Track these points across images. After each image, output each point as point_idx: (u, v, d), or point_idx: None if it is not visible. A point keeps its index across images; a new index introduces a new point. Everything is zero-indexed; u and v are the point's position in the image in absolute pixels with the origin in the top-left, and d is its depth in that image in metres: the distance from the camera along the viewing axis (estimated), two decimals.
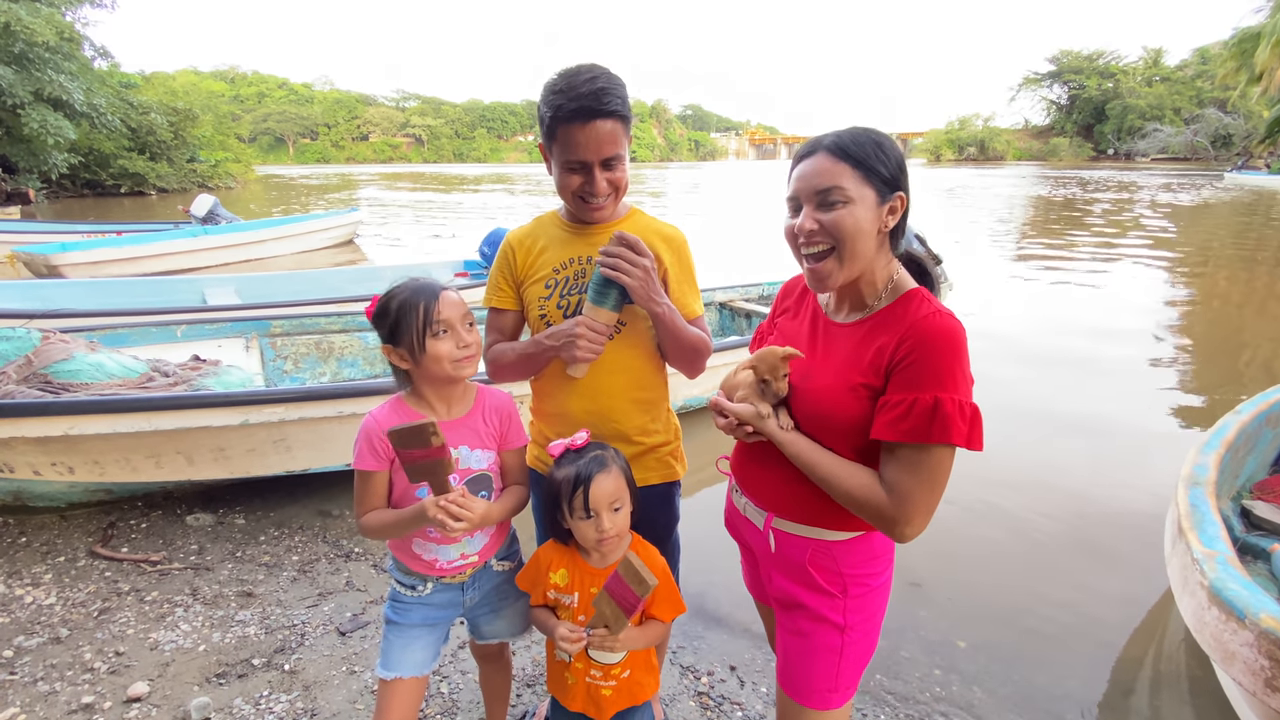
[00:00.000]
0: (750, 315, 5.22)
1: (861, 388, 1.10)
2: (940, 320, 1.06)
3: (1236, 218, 17.03)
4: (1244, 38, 28.48)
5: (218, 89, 67.86)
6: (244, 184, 30.15)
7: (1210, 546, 1.85)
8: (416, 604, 1.43)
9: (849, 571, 1.20)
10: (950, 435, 1.01)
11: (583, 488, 1.26)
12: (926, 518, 1.06)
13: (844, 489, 1.10)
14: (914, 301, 1.12)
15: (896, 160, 1.10)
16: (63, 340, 2.89)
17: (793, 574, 1.24)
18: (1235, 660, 1.59)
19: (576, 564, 1.37)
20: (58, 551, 2.70)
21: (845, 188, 1.07)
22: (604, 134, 1.29)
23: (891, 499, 1.06)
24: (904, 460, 1.05)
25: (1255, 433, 2.76)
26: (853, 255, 1.10)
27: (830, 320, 1.23)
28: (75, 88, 18.48)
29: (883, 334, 1.11)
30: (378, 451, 1.31)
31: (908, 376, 1.05)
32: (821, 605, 1.21)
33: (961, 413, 1.01)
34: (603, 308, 1.34)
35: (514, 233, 1.53)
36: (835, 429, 1.13)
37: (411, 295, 1.29)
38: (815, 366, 1.20)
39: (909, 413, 1.03)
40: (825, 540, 1.20)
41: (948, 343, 1.04)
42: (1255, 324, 7.13)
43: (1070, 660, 2.27)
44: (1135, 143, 57.34)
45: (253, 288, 6.00)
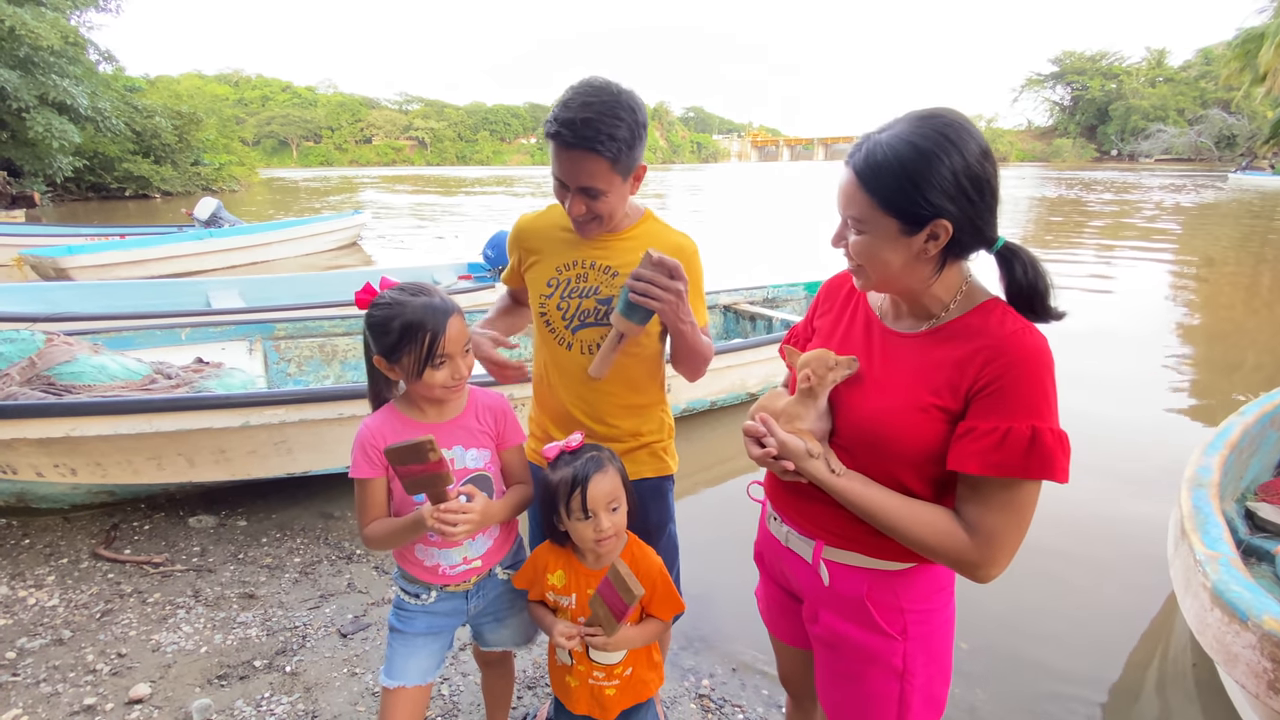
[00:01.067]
0: (755, 318, 5.22)
1: (934, 409, 0.97)
2: (1031, 338, 0.93)
3: (1241, 219, 16.98)
4: (1248, 38, 28.40)
5: (222, 92, 68.16)
6: (248, 187, 30.27)
7: (1213, 548, 1.84)
8: (420, 612, 1.43)
9: (910, 607, 1.07)
10: (1053, 471, 0.89)
11: (580, 489, 1.26)
12: (1010, 558, 0.95)
13: (916, 536, 0.97)
14: (994, 314, 0.98)
15: (943, 180, 0.90)
16: (66, 343, 2.90)
17: (848, 611, 1.09)
18: (1238, 662, 1.58)
19: (573, 566, 1.37)
20: (60, 553, 2.70)
21: (861, 219, 0.97)
22: (581, 165, 1.27)
23: (975, 541, 0.94)
24: (991, 497, 0.93)
25: (1259, 434, 2.75)
26: (882, 280, 1.01)
27: (889, 329, 1.07)
28: (80, 91, 18.56)
29: (957, 348, 0.97)
30: (373, 460, 1.30)
31: (997, 402, 0.92)
32: (877, 646, 1.07)
33: (1060, 445, 0.90)
34: (631, 321, 1.32)
35: (524, 218, 1.55)
36: (900, 456, 1.00)
37: (417, 319, 1.23)
38: (873, 381, 1.05)
39: (1002, 444, 0.90)
40: (885, 571, 1.06)
41: (1041, 364, 0.92)
42: (1260, 325, 7.10)
43: (1073, 662, 2.26)
44: (1139, 144, 57.29)
45: (257, 290, 6.02)
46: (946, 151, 0.90)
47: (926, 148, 0.90)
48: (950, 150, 0.90)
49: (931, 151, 0.90)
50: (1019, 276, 0.97)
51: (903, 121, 0.94)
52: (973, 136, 0.92)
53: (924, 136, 0.91)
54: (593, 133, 1.23)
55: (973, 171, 0.91)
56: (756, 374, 4.27)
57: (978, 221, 0.94)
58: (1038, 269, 0.98)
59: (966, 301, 1.01)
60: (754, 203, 24.85)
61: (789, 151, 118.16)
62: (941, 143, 0.90)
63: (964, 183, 0.91)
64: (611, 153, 1.26)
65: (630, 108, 1.28)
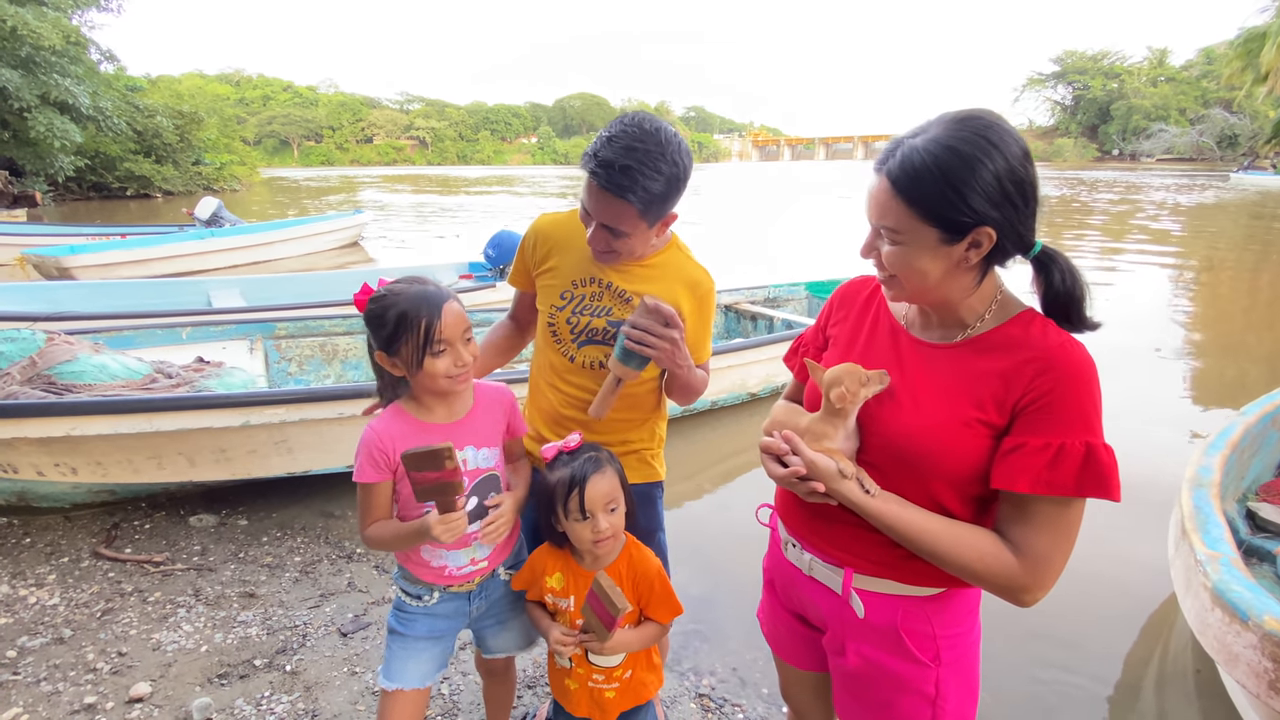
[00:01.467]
0: (755, 318, 5.21)
1: (978, 423, 0.92)
2: (1079, 351, 0.90)
3: (1242, 218, 16.95)
4: (1249, 37, 28.36)
5: (223, 92, 68.15)
6: (249, 186, 30.28)
7: (1214, 548, 1.84)
8: (422, 614, 1.41)
9: (942, 632, 1.03)
10: (1108, 489, 0.86)
11: (578, 489, 1.25)
12: (1057, 579, 0.91)
13: (961, 560, 0.91)
14: (1034, 325, 0.94)
15: (986, 185, 0.86)
16: (67, 342, 2.91)
17: (879, 641, 1.05)
18: (1238, 662, 1.58)
19: (571, 567, 1.36)
20: (61, 552, 2.71)
21: (897, 229, 0.91)
22: (608, 206, 1.26)
23: (1024, 563, 0.89)
24: (1039, 516, 0.89)
25: (1261, 434, 2.75)
26: (917, 291, 0.96)
27: (918, 339, 1.02)
28: (81, 91, 18.57)
29: (1000, 360, 0.93)
30: (378, 463, 1.28)
31: (1045, 417, 0.88)
32: (909, 674, 1.04)
33: (1114, 461, 0.87)
34: (628, 366, 1.32)
35: (546, 218, 1.52)
36: (940, 473, 0.95)
37: (411, 307, 1.21)
38: (907, 395, 0.99)
39: (1055, 461, 0.86)
40: (918, 598, 1.02)
41: (1091, 377, 0.89)
42: (1261, 325, 7.09)
43: (1075, 662, 2.26)
44: (1140, 143, 57.25)
45: (258, 290, 6.03)
46: (989, 154, 0.86)
47: (967, 151, 0.86)
48: (992, 153, 0.86)
49: (973, 155, 0.85)
50: (1056, 283, 0.93)
51: (937, 125, 0.90)
52: (1013, 137, 0.88)
53: (963, 140, 0.86)
54: (629, 181, 1.21)
55: (1016, 175, 0.87)
56: (757, 374, 4.27)
57: (1020, 227, 0.90)
58: (1076, 275, 0.93)
59: (1002, 312, 0.97)
60: (755, 202, 24.83)
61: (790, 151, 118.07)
62: (983, 145, 0.86)
63: (1007, 186, 0.87)
64: (643, 204, 1.25)
65: (673, 161, 1.25)
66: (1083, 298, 0.93)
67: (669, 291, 1.42)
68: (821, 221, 17.43)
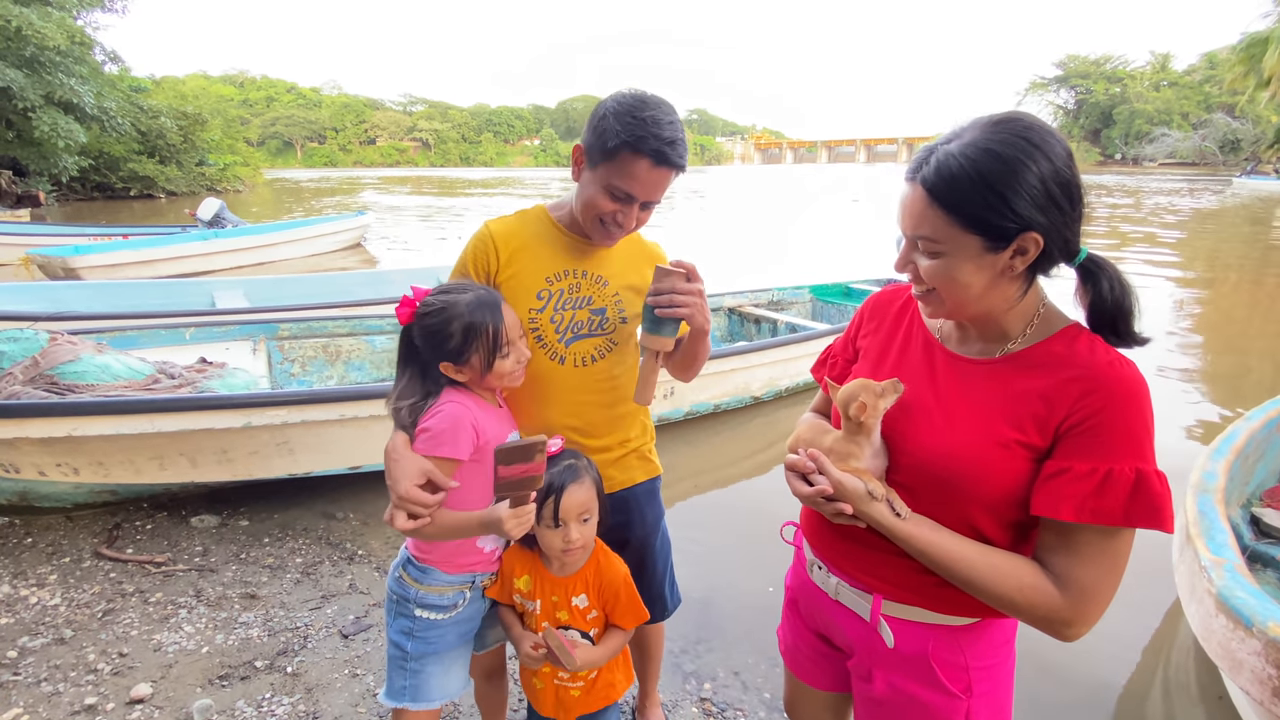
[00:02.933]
0: (759, 321, 5.21)
1: (1016, 445, 0.87)
2: (1130, 370, 0.84)
3: (1245, 223, 16.93)
4: (1252, 42, 28.38)
5: (227, 93, 68.46)
6: (252, 187, 30.38)
7: (1218, 554, 1.83)
8: (451, 625, 1.37)
9: (975, 664, 0.98)
10: (1161, 519, 0.80)
11: (554, 497, 1.24)
12: (1103, 612, 0.85)
13: (999, 590, 0.86)
14: (1080, 341, 0.88)
15: (1031, 188, 0.81)
16: (70, 342, 2.91)
17: (908, 670, 1.00)
18: (1242, 669, 1.57)
19: (538, 570, 1.36)
20: (63, 552, 2.71)
21: (936, 239, 0.86)
22: (664, 183, 1.29)
23: (1067, 597, 0.84)
24: (1085, 546, 0.83)
25: (1266, 439, 2.74)
26: (958, 305, 0.90)
27: (955, 354, 0.97)
28: (86, 91, 18.65)
29: (1042, 377, 0.88)
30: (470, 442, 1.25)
31: (1094, 440, 0.82)
32: (939, 705, 0.99)
33: (1167, 490, 0.81)
34: (661, 336, 1.31)
35: (495, 223, 1.43)
36: (976, 497, 0.89)
37: (477, 318, 1.24)
38: (942, 413, 0.94)
39: (1102, 488, 0.81)
40: (950, 627, 0.97)
41: (1142, 398, 0.83)
42: (1265, 329, 7.07)
43: (1078, 669, 2.25)
44: (1143, 148, 57.21)
45: (261, 291, 6.04)
46: (1032, 157, 0.81)
47: (1010, 154, 0.81)
48: (1036, 155, 0.81)
49: (1016, 158, 0.80)
50: (1104, 293, 0.87)
51: (973, 129, 0.84)
52: (1056, 138, 0.83)
53: (1004, 143, 0.81)
54: (682, 152, 1.27)
55: (1061, 176, 0.82)
56: (760, 377, 4.27)
57: (1066, 231, 0.84)
58: (1125, 285, 0.87)
59: (1045, 326, 0.91)
60: (759, 205, 24.85)
61: (792, 154, 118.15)
62: (1026, 148, 0.81)
63: (1053, 189, 0.81)
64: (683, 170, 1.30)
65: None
66: (1132, 309, 0.87)
67: (637, 270, 1.45)
68: (826, 225, 17.43)
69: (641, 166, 1.23)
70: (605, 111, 1.26)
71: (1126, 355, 0.88)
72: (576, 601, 1.34)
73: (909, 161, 0.92)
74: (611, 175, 1.26)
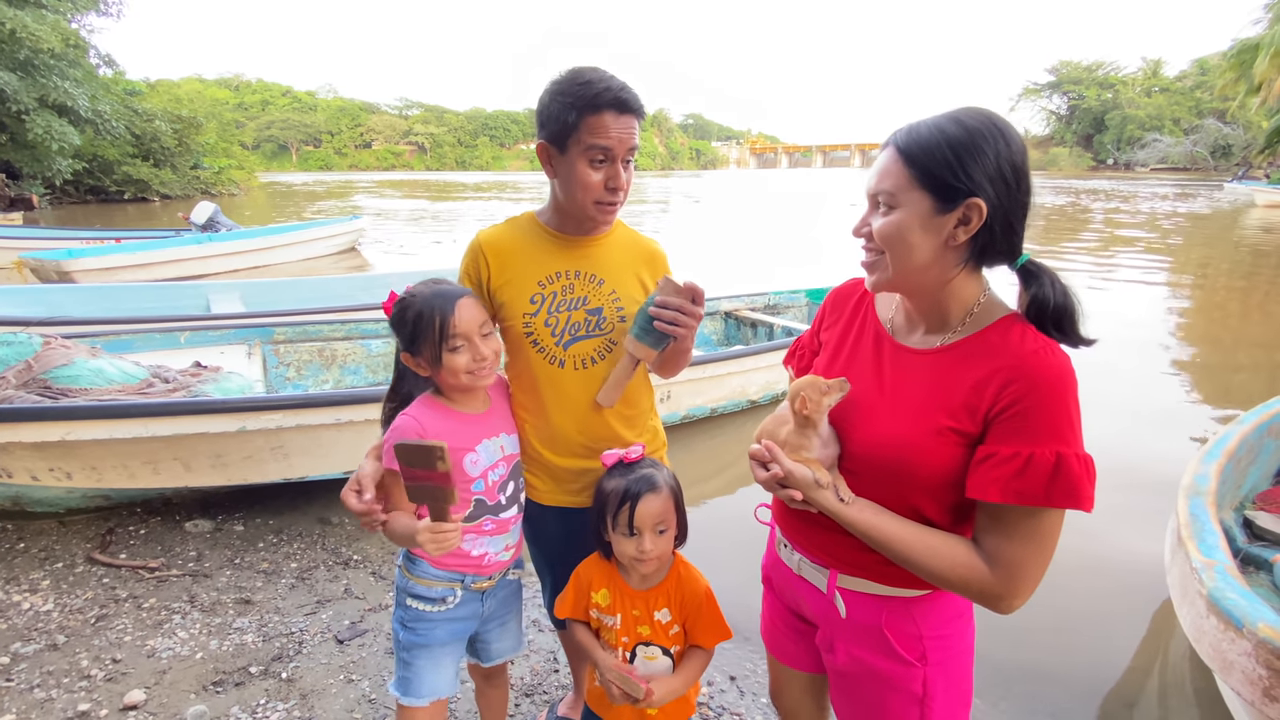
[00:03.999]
0: (756, 325, 5.22)
1: (950, 432, 0.93)
2: (1053, 358, 0.89)
3: (1236, 228, 17.06)
4: (1243, 49, 28.61)
5: (222, 96, 68.31)
6: (247, 191, 30.29)
7: (1209, 556, 1.84)
8: (442, 620, 1.39)
9: (929, 633, 1.04)
10: (1079, 499, 0.85)
11: (629, 504, 1.22)
12: (1034, 589, 0.91)
13: (933, 568, 0.93)
14: (1013, 331, 0.93)
15: (986, 162, 0.88)
16: (64, 345, 2.90)
17: (865, 640, 1.06)
18: (1234, 670, 1.58)
19: (616, 583, 1.32)
20: (56, 557, 2.69)
21: (893, 191, 0.92)
22: (633, 130, 1.29)
23: (997, 573, 0.90)
24: (1013, 526, 0.89)
25: (1258, 443, 2.75)
26: (901, 267, 0.95)
27: (900, 344, 1.03)
28: (80, 94, 18.58)
29: (974, 367, 0.93)
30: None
31: (1017, 426, 0.87)
32: (897, 673, 1.05)
33: (1087, 471, 0.86)
34: (648, 346, 1.31)
35: (485, 233, 1.44)
36: (916, 482, 0.95)
37: (426, 305, 1.25)
38: (884, 403, 1.00)
39: (1024, 470, 0.86)
40: (902, 598, 1.04)
41: (1065, 385, 0.88)
42: (1255, 333, 7.13)
43: (1072, 672, 2.26)
44: (1135, 153, 57.61)
45: (257, 294, 6.03)
46: (994, 135, 0.89)
47: (974, 126, 0.89)
48: (998, 135, 0.89)
49: (979, 130, 0.89)
50: (1045, 294, 0.92)
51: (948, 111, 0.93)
52: (1018, 136, 0.91)
53: (971, 117, 0.90)
54: (637, 96, 1.29)
55: (1015, 161, 0.89)
56: (757, 381, 4.28)
57: (1011, 216, 0.91)
58: (1064, 287, 0.93)
59: (984, 315, 0.96)
60: (755, 209, 24.91)
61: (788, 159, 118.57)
62: (990, 127, 0.89)
63: (1005, 168, 0.89)
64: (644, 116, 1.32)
65: None
66: (1073, 309, 0.92)
67: (633, 267, 1.45)
68: (822, 228, 17.48)
69: (607, 119, 1.25)
70: (548, 98, 1.29)
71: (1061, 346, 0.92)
72: (659, 616, 1.30)
73: None
74: (584, 143, 1.27)
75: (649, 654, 1.31)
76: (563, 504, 1.49)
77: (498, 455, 1.38)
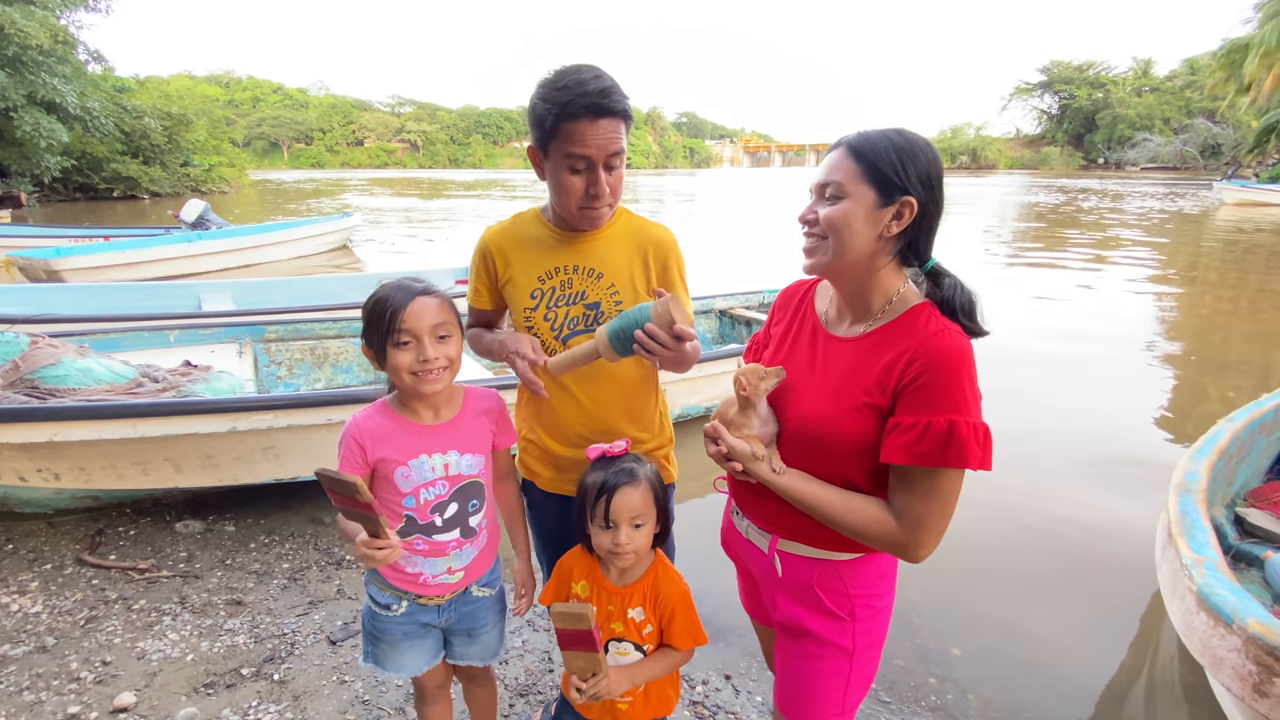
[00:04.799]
0: (750, 323, 5.23)
1: (866, 408, 1.06)
2: (950, 339, 1.02)
3: (1225, 226, 17.19)
4: (1233, 48, 28.84)
5: (212, 93, 67.78)
6: (238, 188, 30.09)
7: (1199, 553, 1.85)
8: (393, 622, 1.40)
9: (857, 593, 1.17)
10: (966, 459, 0.98)
11: (606, 497, 1.23)
12: (938, 540, 1.04)
13: (851, 524, 1.07)
14: (921, 317, 1.07)
15: (920, 168, 1.04)
16: (51, 345, 2.87)
17: (800, 597, 1.20)
18: (1223, 665, 1.59)
19: (595, 576, 1.33)
20: (44, 559, 2.67)
21: (843, 183, 1.05)
22: (610, 132, 1.26)
23: (903, 526, 1.04)
24: (916, 485, 1.03)
25: (1249, 440, 2.77)
26: (839, 251, 1.07)
27: (830, 334, 1.18)
28: (69, 91, 18.42)
29: (888, 350, 1.06)
30: (351, 458, 1.29)
31: (919, 398, 1.01)
32: (829, 630, 1.18)
33: (975, 435, 0.99)
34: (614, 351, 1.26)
35: (491, 231, 1.48)
36: (838, 453, 1.09)
37: (384, 296, 1.24)
38: (814, 386, 1.14)
39: (923, 436, 0.99)
40: (832, 561, 1.17)
41: (959, 361, 1.01)
42: (1245, 330, 7.19)
43: (1065, 667, 2.27)
44: (1125, 152, 57.96)
45: (249, 293, 5.98)
46: (926, 150, 1.06)
47: (912, 139, 1.06)
48: (929, 151, 1.07)
49: (915, 143, 1.06)
50: (946, 289, 1.09)
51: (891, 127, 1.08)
52: (940, 157, 1.09)
53: (909, 134, 1.07)
54: (618, 97, 1.26)
55: (938, 173, 1.07)
56: None
57: (931, 220, 1.08)
58: (964, 286, 1.09)
59: (900, 305, 1.10)
60: (749, 208, 24.93)
61: (781, 157, 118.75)
62: (923, 143, 1.07)
63: (933, 177, 1.06)
64: (630, 112, 1.30)
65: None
66: (972, 305, 1.08)
67: (635, 259, 1.42)
68: None
69: (582, 126, 1.24)
70: (534, 101, 1.28)
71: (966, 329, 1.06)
72: (633, 614, 1.31)
73: None
74: (562, 151, 1.27)
75: (621, 649, 1.33)
76: (564, 492, 1.50)
77: (434, 474, 1.32)
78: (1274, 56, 25.43)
